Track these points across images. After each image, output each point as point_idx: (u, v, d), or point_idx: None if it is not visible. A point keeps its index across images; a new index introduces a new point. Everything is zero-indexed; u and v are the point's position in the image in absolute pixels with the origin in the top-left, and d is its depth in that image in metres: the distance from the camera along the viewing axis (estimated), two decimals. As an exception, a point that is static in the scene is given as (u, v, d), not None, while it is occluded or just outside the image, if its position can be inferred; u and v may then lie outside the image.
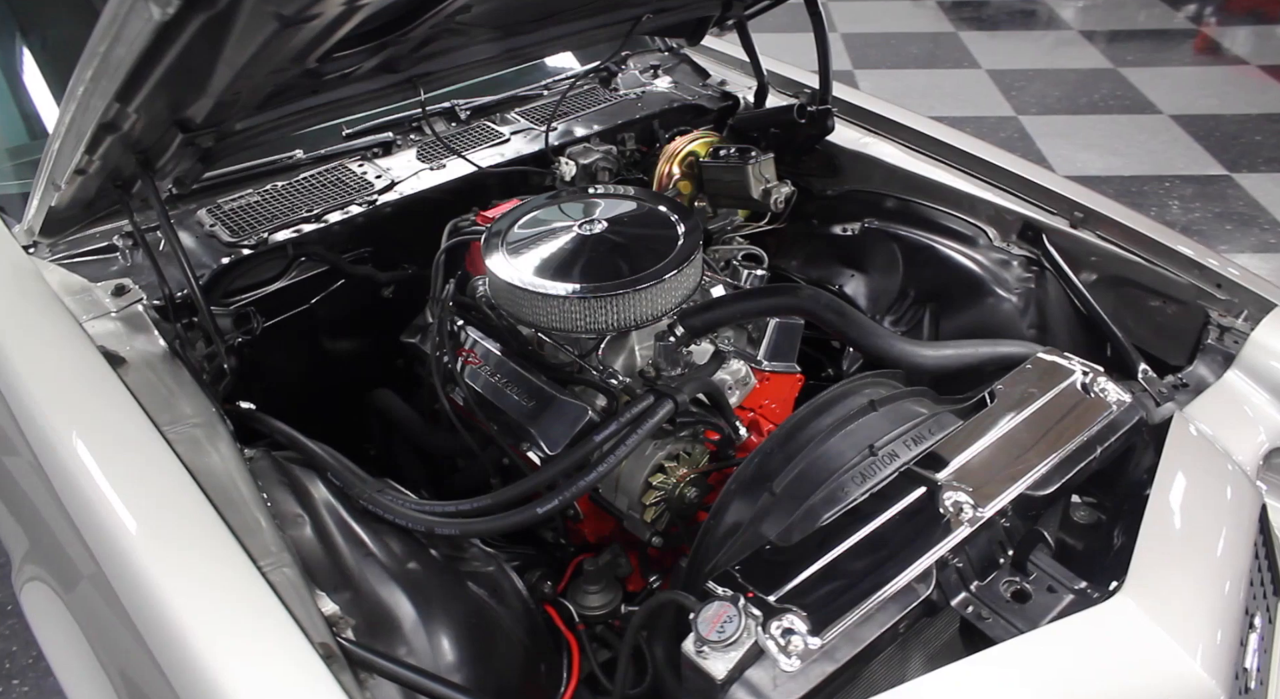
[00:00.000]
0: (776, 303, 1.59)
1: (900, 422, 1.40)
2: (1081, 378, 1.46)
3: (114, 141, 1.10)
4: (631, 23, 1.83)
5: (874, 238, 2.03)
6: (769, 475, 1.34)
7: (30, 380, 1.39)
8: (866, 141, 2.15)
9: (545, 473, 1.40)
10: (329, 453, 1.50)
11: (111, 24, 0.94)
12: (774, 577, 1.18)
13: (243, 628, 1.05)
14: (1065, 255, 1.85)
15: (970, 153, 2.00)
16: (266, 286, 1.76)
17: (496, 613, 1.38)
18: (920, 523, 1.24)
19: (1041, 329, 1.87)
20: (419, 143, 2.06)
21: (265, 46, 0.89)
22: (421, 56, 1.49)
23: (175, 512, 1.18)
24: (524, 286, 1.55)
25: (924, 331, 1.95)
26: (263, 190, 1.87)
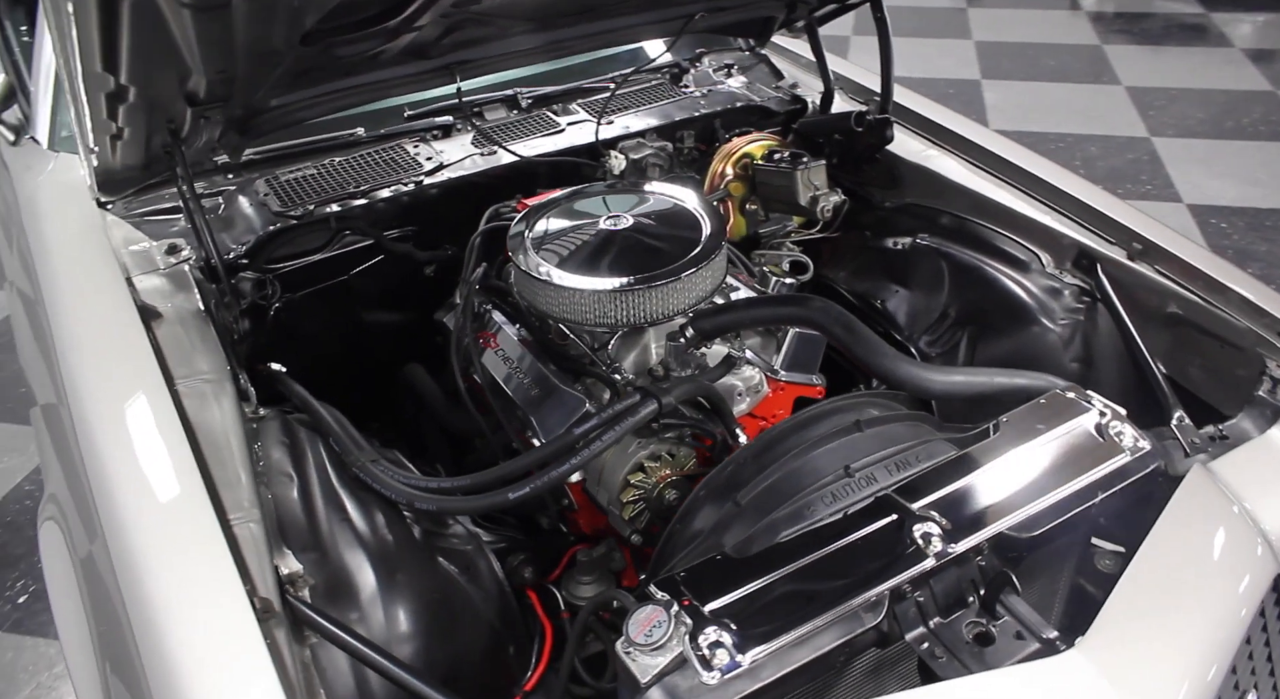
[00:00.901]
0: (785, 312, 1.56)
1: (887, 445, 1.35)
2: (1097, 418, 1.38)
3: (130, 111, 1.18)
4: (684, 20, 1.82)
5: (923, 254, 1.96)
6: (739, 485, 1.33)
7: (68, 325, 1.51)
8: (929, 154, 2.07)
9: (523, 460, 1.42)
10: (336, 419, 1.56)
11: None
12: (718, 587, 1.16)
13: (189, 575, 1.11)
14: (1120, 288, 1.74)
15: (1032, 172, 1.90)
16: (309, 256, 1.84)
17: (465, 591, 1.41)
18: (884, 551, 1.20)
19: (1086, 363, 1.77)
20: (478, 128, 2.11)
21: (204, 28, 0.93)
22: (454, 44, 1.52)
23: (159, 459, 1.25)
24: (536, 275, 1.58)
25: (959, 355, 1.87)
26: (321, 164, 1.96)
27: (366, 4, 1.10)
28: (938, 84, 5.64)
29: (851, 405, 1.43)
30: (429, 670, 1.30)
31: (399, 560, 1.36)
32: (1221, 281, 1.63)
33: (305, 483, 1.41)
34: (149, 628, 1.07)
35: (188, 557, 1.13)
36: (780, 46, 2.53)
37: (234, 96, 1.21)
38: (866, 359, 1.47)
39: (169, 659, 1.04)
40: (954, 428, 1.47)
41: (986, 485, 1.29)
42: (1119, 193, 4.45)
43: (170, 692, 1.02)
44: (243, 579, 1.12)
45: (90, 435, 1.32)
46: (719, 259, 1.64)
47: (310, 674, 1.13)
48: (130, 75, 1.02)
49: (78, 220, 1.75)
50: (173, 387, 1.42)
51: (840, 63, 2.46)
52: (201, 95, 1.15)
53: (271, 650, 1.04)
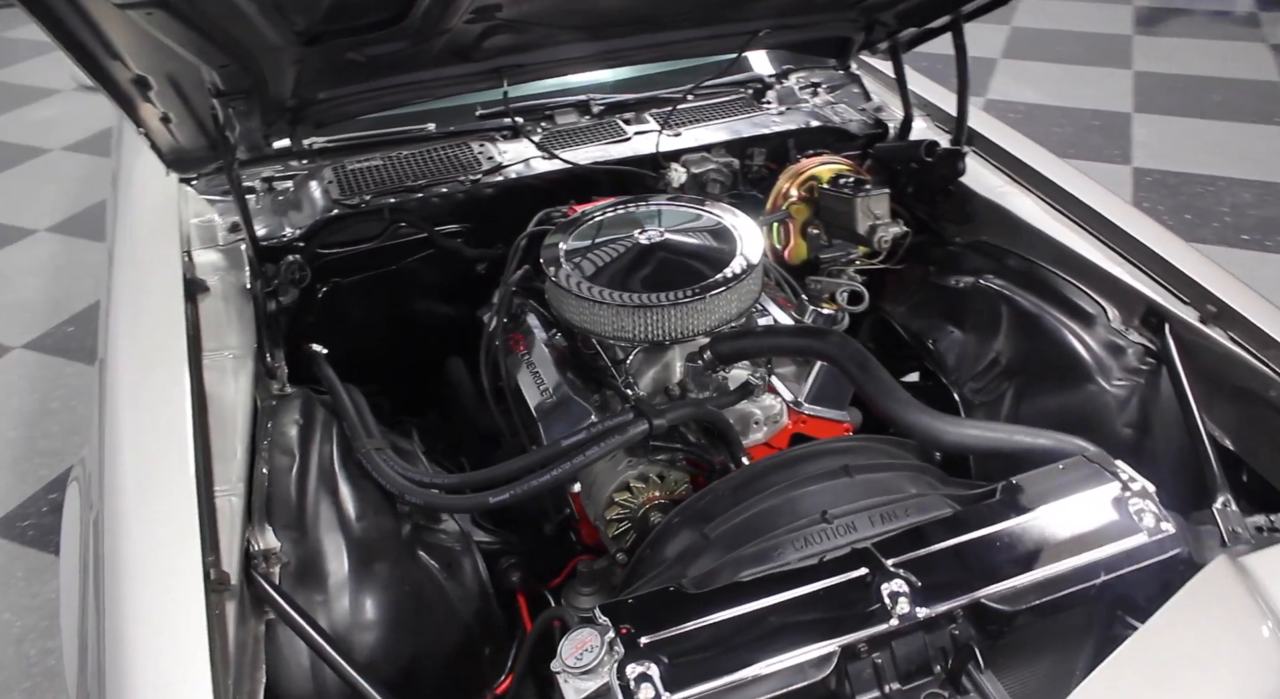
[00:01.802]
0: (801, 343, 1.51)
1: (874, 494, 1.28)
2: (1117, 491, 1.28)
3: (161, 97, 1.24)
4: (747, 37, 1.78)
5: (983, 296, 1.86)
6: (712, 516, 1.29)
7: (118, 288, 1.61)
8: (1005, 191, 1.96)
9: (511, 465, 1.42)
10: (356, 404, 1.61)
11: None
12: (664, 619, 1.13)
13: (156, 541, 1.16)
14: (1187, 352, 1.60)
15: (1109, 218, 1.77)
16: (362, 244, 1.91)
17: (442, 587, 1.43)
18: (846, 605, 1.14)
19: (1141, 430, 1.64)
20: (548, 131, 2.13)
21: (163, 27, 0.97)
22: (499, 49, 1.54)
23: (160, 428, 1.32)
24: (561, 282, 1.58)
25: (1003, 407, 1.76)
26: (389, 157, 2.02)
27: (367, 7, 1.13)
28: (1081, 115, 5.33)
29: (848, 448, 1.37)
30: (389, 661, 1.32)
31: (378, 549, 1.38)
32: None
33: (305, 463, 1.45)
34: (113, 588, 1.13)
35: (157, 523, 1.18)
36: (876, 69, 2.45)
37: (255, 89, 1.26)
38: (876, 401, 1.40)
39: (120, 619, 1.09)
40: (960, 484, 1.39)
41: (974, 550, 1.21)
42: (1268, 245, 4.10)
43: (115, 650, 1.07)
44: (207, 550, 1.17)
45: (112, 399, 1.40)
46: (749, 282, 1.60)
47: (257, 648, 1.17)
48: (138, 65, 1.08)
49: (155, 193, 1.87)
50: (198, 359, 1.49)
51: (937, 90, 2.37)
52: (221, 86, 1.21)
53: (213, 621, 1.08)
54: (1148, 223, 1.79)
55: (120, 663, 1.05)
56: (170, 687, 1.01)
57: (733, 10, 1.65)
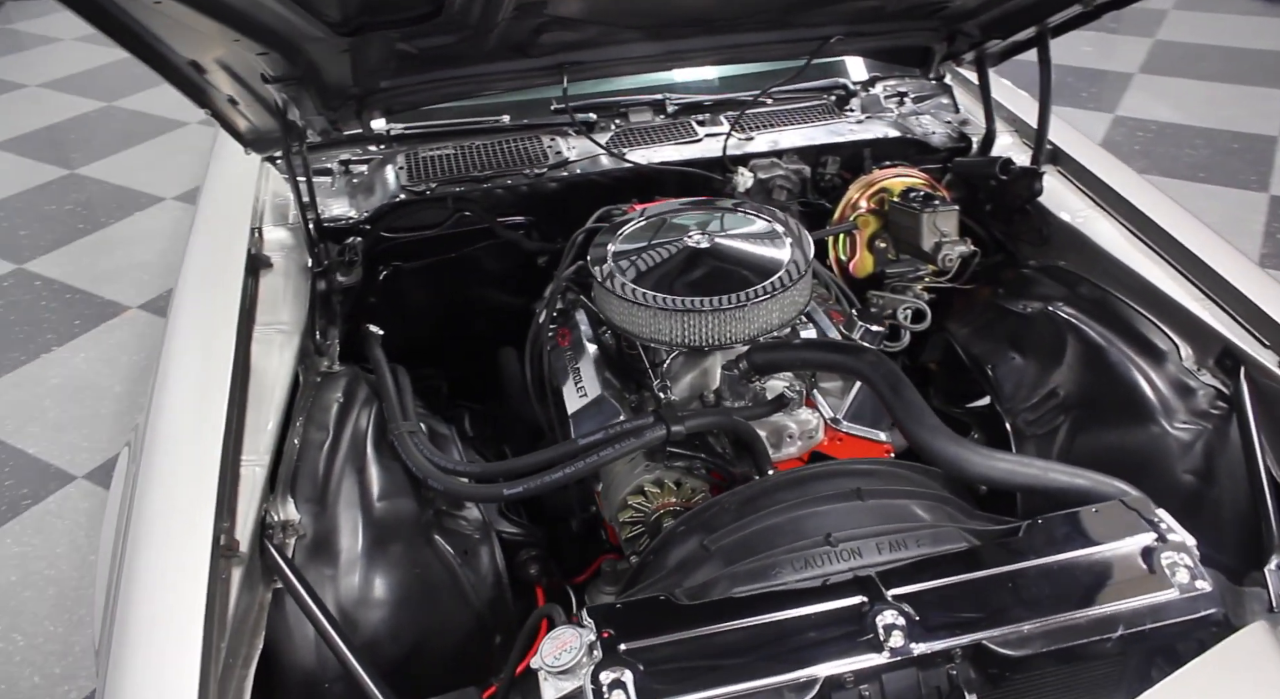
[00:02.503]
0: (834, 359, 1.47)
1: (885, 521, 1.24)
2: (1150, 542, 1.20)
3: (220, 79, 1.30)
4: (818, 43, 1.74)
5: (1050, 323, 1.76)
6: (716, 528, 1.27)
7: (187, 260, 1.70)
8: (1086, 216, 1.86)
9: (530, 459, 1.44)
10: (399, 386, 1.65)
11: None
12: (649, 627, 1.13)
13: (173, 504, 1.22)
14: (1264, 400, 1.49)
15: (1191, 251, 1.66)
16: (425, 231, 1.95)
17: (456, 573, 1.45)
18: (838, 633, 1.11)
19: (1204, 479, 1.53)
20: (621, 128, 2.14)
21: (187, 18, 1.01)
22: (557, 45, 1.55)
23: (198, 397, 1.39)
24: (604, 281, 1.59)
25: (1056, 441, 1.67)
26: (461, 146, 2.06)
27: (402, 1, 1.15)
28: (1220, 137, 5.00)
29: (865, 471, 1.33)
30: (393, 639, 1.35)
31: (395, 530, 1.42)
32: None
33: (337, 439, 1.50)
34: (132, 544, 1.19)
35: (179, 487, 1.24)
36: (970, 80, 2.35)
37: (308, 76, 1.31)
38: (904, 424, 1.35)
39: (132, 573, 1.15)
40: (985, 518, 1.32)
41: (983, 589, 1.16)
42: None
43: (124, 603, 1.13)
44: (222, 516, 1.22)
45: (163, 366, 1.48)
46: (793, 294, 1.57)
47: (260, 615, 1.21)
48: (186, 50, 1.14)
49: (237, 170, 1.96)
50: (248, 331, 1.56)
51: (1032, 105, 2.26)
52: (270, 72, 1.26)
53: (215, 584, 1.13)
54: (1235, 257, 1.67)
55: (125, 615, 1.11)
56: (162, 641, 1.06)
57: (800, 16, 1.61)
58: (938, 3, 1.65)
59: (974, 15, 1.74)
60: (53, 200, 4.73)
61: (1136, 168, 4.46)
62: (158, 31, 1.06)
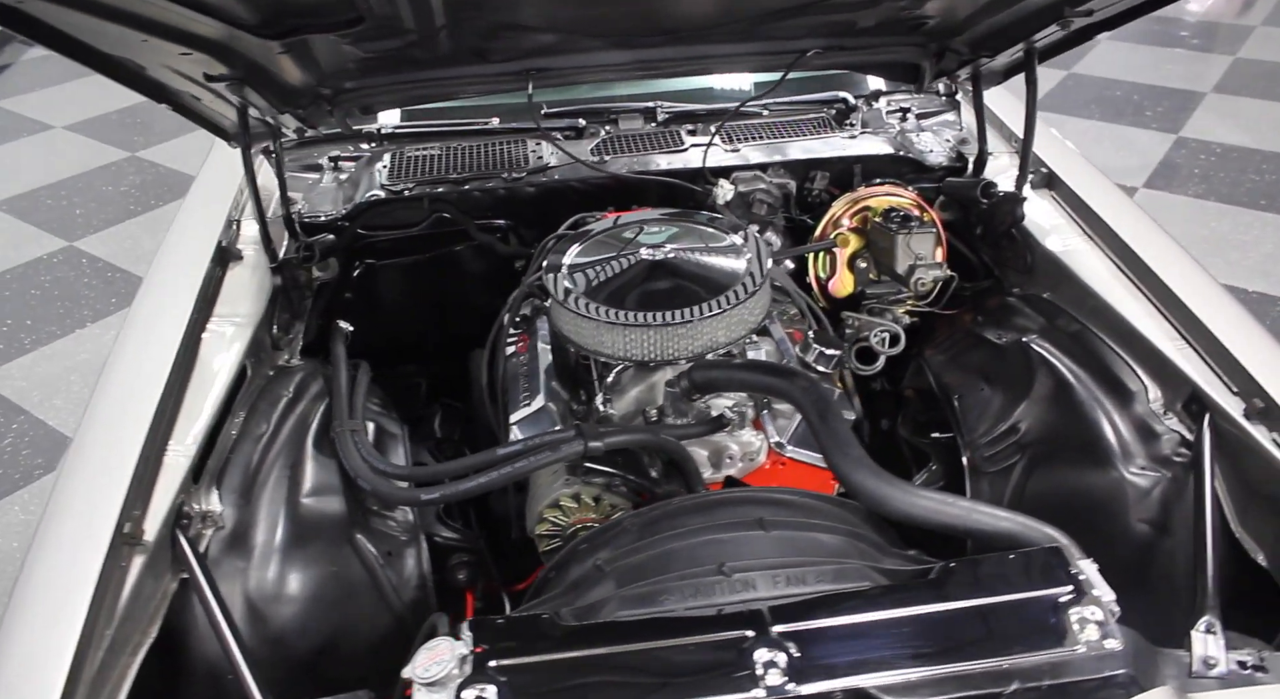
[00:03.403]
0: (768, 382, 1.44)
1: (788, 554, 1.20)
2: (1067, 596, 1.14)
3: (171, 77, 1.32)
4: (796, 56, 1.70)
5: (1022, 355, 1.69)
6: (615, 549, 1.25)
7: (162, 248, 1.74)
8: (1072, 246, 1.78)
9: (449, 466, 1.44)
10: (356, 384, 1.66)
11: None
12: (526, 645, 1.12)
13: (85, 488, 1.25)
14: (1228, 450, 1.40)
15: (1173, 289, 1.57)
16: (402, 230, 1.97)
17: (377, 574, 1.46)
18: (712, 667, 1.08)
19: (1159, 528, 1.45)
20: (612, 134, 2.12)
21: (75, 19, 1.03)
22: (521, 52, 1.54)
23: (136, 384, 1.42)
24: (552, 291, 1.58)
25: (1010, 479, 1.60)
26: (448, 146, 2.07)
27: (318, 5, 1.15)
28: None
29: (774, 501, 1.29)
30: (301, 635, 1.36)
31: (316, 527, 1.43)
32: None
33: (277, 433, 1.52)
34: (38, 535, 1.23)
35: (93, 472, 1.27)
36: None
37: (250, 76, 1.32)
38: (828, 454, 1.31)
39: (31, 559, 1.18)
40: (902, 558, 1.28)
41: (877, 631, 1.12)
42: None
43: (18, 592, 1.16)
44: (131, 504, 1.24)
45: (111, 355, 1.52)
46: (742, 312, 1.54)
47: (161, 604, 1.23)
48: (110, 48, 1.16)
49: (228, 161, 2.00)
50: (202, 323, 1.59)
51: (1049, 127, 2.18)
52: (209, 72, 1.28)
53: (109, 571, 1.15)
54: (1220, 298, 1.58)
55: (17, 599, 1.14)
56: (43, 625, 1.09)
57: (770, 28, 1.58)
58: (916, 18, 1.59)
59: (958, 33, 1.68)
60: (111, 181, 4.91)
61: (1192, 193, 4.25)
62: (78, 35, 1.09)
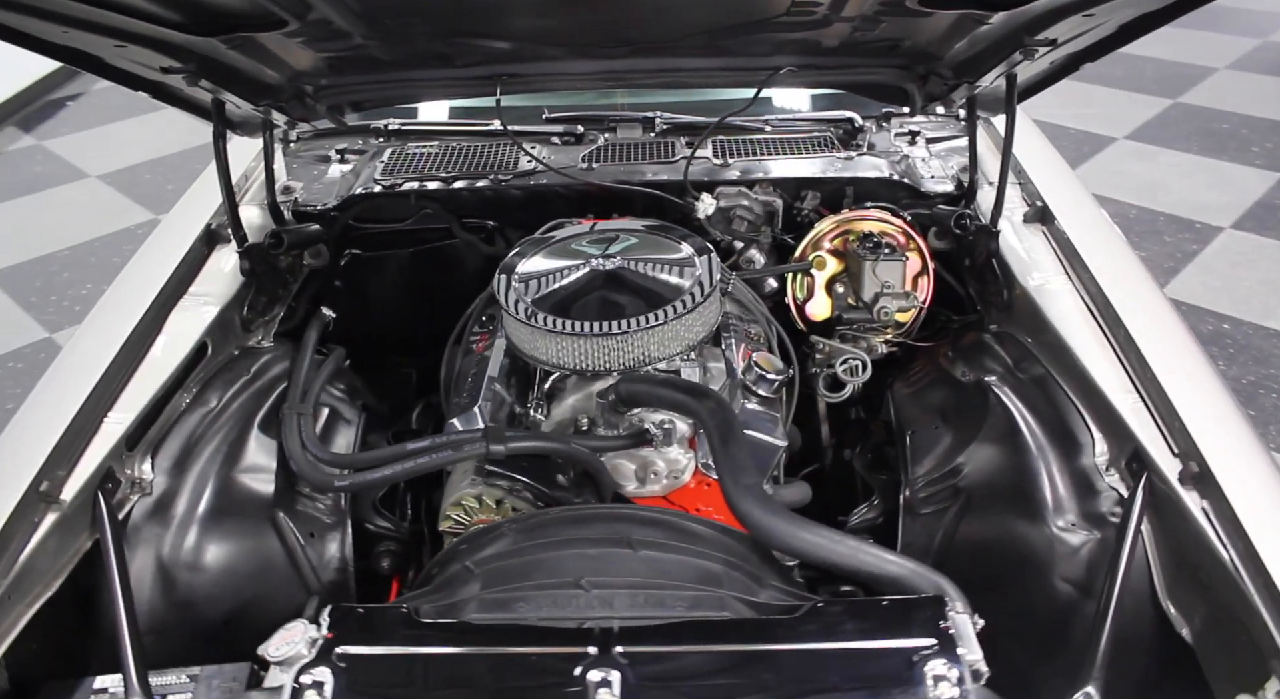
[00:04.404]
0: (678, 399, 1.43)
1: (654, 576, 1.20)
2: (928, 649, 1.10)
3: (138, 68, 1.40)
4: (769, 73, 1.68)
5: (979, 396, 1.63)
6: (492, 551, 1.26)
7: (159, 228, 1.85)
8: (1051, 286, 1.69)
9: (368, 456, 1.48)
10: (316, 371, 1.72)
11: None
12: (378, 635, 1.15)
13: (17, 446, 1.34)
14: (1160, 512, 1.33)
15: (1135, 340, 1.48)
16: (390, 224, 2.03)
17: (295, 554, 1.51)
18: (546, 680, 1.09)
19: (1082, 591, 1.38)
20: (610, 142, 2.14)
21: None
22: (482, 57, 1.57)
23: (91, 351, 1.51)
24: (498, 295, 1.61)
25: (943, 522, 1.54)
26: (448, 146, 2.13)
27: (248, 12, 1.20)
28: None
29: (653, 521, 1.28)
30: (208, 603, 1.43)
31: (242, 502, 1.50)
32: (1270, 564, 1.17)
33: (224, 410, 1.60)
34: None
35: (23, 433, 1.36)
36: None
37: (201, 71, 1.39)
38: (721, 478, 1.30)
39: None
40: (782, 591, 1.25)
41: (721, 664, 1.11)
42: None
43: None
44: (59, 465, 1.33)
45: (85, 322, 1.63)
46: (677, 328, 1.54)
47: (69, 561, 1.31)
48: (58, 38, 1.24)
49: (237, 147, 2.10)
50: (173, 300, 1.68)
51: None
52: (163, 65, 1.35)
53: (11, 525, 1.23)
54: (1186, 354, 1.49)
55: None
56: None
57: (735, 44, 1.56)
58: (885, 40, 1.55)
59: (936, 57, 1.63)
60: (207, 160, 5.18)
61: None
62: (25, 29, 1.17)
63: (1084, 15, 1.23)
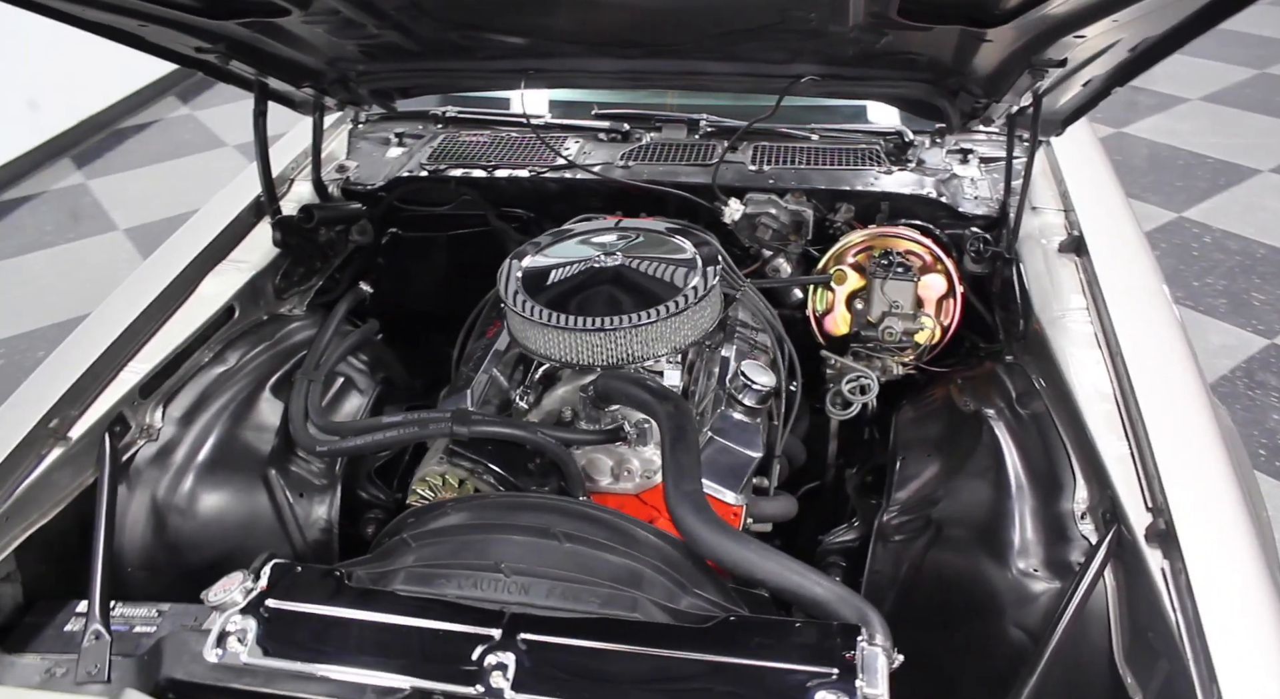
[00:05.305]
0: (643, 398, 1.45)
1: (574, 570, 1.22)
2: (822, 677, 1.09)
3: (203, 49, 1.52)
4: (789, 80, 1.66)
5: (974, 429, 1.57)
6: (431, 527, 1.31)
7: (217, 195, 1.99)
8: (1066, 320, 1.61)
9: (353, 424, 1.56)
10: (339, 341, 1.82)
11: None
12: (308, 593, 1.22)
13: (35, 384, 1.48)
14: (1126, 567, 1.26)
15: (1135, 388, 1.40)
16: (431, 207, 2.11)
17: (283, 510, 1.60)
18: (446, 655, 1.13)
19: (1034, 640, 1.32)
20: (655, 141, 2.15)
21: None
22: (505, 51, 1.62)
23: (122, 305, 1.64)
24: (500, 283, 1.66)
25: (910, 552, 1.49)
26: (498, 136, 2.19)
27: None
28: None
29: (588, 518, 1.29)
30: (194, 548, 1.54)
31: (240, 455, 1.60)
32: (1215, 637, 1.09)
33: (240, 370, 1.71)
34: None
35: (46, 376, 1.50)
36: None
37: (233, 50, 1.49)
38: (665, 479, 1.31)
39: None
40: (705, 600, 1.25)
41: (615, 663, 1.12)
42: None
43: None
44: (72, 405, 1.46)
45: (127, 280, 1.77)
46: (661, 329, 1.55)
47: (69, 494, 1.44)
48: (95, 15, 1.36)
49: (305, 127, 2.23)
50: (210, 262, 1.81)
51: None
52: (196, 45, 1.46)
53: (18, 456, 1.37)
54: (1193, 404, 1.39)
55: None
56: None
57: (750, 49, 1.55)
58: (901, 52, 1.51)
59: (958, 72, 1.57)
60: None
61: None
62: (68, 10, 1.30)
63: (1075, 36, 1.17)
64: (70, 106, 5.68)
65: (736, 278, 1.78)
